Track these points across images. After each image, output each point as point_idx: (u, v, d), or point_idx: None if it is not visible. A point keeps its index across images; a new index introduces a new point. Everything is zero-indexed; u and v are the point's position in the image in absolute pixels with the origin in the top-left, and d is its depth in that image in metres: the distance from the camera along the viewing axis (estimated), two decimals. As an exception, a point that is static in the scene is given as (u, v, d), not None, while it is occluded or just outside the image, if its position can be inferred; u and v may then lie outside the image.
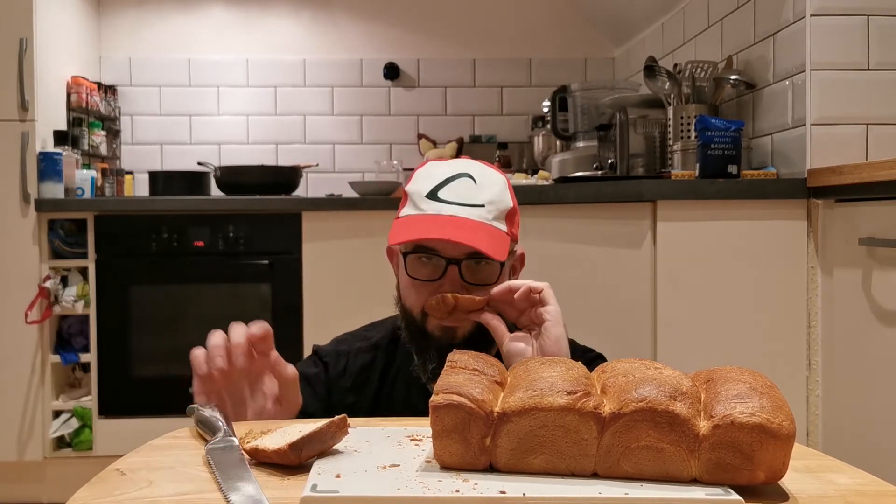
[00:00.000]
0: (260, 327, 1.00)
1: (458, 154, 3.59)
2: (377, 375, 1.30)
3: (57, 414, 2.99)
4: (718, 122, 2.16)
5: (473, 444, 0.71)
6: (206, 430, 0.85)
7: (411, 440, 0.82)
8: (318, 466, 0.74)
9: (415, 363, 1.23)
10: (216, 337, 0.99)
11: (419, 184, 1.19)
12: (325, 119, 3.79)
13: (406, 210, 1.20)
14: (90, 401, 2.99)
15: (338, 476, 0.70)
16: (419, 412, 0.97)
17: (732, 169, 2.12)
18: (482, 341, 1.15)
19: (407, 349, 1.26)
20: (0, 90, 2.91)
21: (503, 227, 1.17)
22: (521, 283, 1.12)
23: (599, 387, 0.73)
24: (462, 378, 0.74)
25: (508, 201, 1.20)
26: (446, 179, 1.18)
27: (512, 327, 1.15)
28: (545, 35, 3.84)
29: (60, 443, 3.02)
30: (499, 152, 3.56)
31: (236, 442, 0.80)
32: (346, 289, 3.00)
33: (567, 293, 2.29)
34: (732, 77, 2.36)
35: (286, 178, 3.39)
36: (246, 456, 0.77)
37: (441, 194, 1.16)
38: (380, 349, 1.32)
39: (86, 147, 3.35)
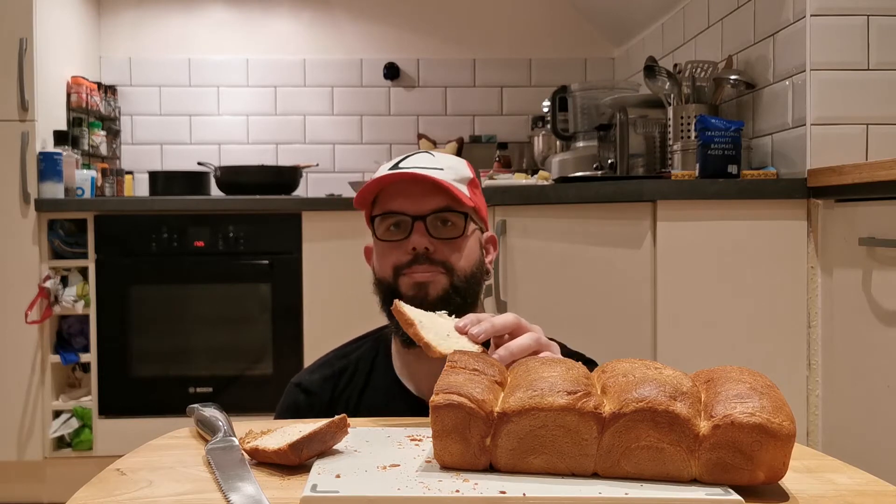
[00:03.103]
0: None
1: (459, 155, 3.59)
2: (359, 388, 1.31)
3: (57, 414, 2.99)
4: (718, 122, 2.16)
5: (473, 444, 0.71)
6: (206, 430, 0.85)
7: (411, 440, 0.82)
8: (318, 466, 0.74)
9: (392, 329, 1.25)
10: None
11: (382, 168, 1.26)
12: (325, 119, 3.79)
13: None
14: (90, 401, 2.99)
15: (338, 476, 0.70)
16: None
17: (732, 169, 2.12)
18: (455, 300, 1.18)
19: (386, 359, 1.30)
20: (0, 90, 2.91)
21: (464, 190, 1.22)
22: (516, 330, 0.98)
23: (599, 387, 0.73)
24: (462, 378, 0.74)
25: (468, 172, 1.25)
26: (406, 156, 1.25)
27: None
28: (545, 35, 3.84)
29: (60, 443, 3.02)
30: (499, 152, 3.56)
31: (236, 442, 0.80)
32: (346, 289, 3.00)
33: (567, 293, 2.29)
34: (732, 77, 2.36)
35: (286, 178, 3.39)
36: (246, 456, 0.77)
37: (402, 165, 1.23)
38: (361, 361, 1.33)
39: (86, 147, 3.35)
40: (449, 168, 1.22)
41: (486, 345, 0.95)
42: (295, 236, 3.05)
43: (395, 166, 1.23)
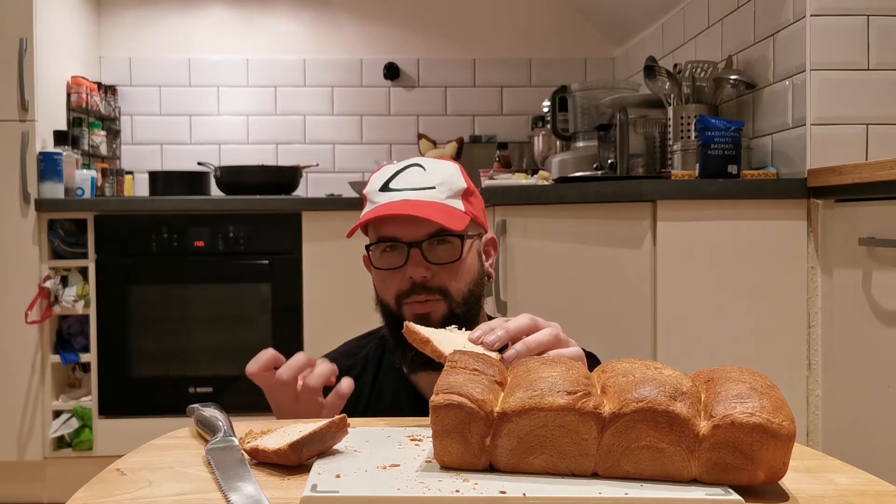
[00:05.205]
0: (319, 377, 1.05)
1: (459, 154, 3.59)
2: (367, 387, 1.31)
3: (57, 414, 2.99)
4: (718, 122, 2.16)
5: (473, 444, 0.71)
6: (206, 430, 0.85)
7: (411, 440, 0.82)
8: (318, 466, 0.74)
9: (397, 356, 1.25)
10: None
11: (373, 183, 1.24)
12: (325, 119, 3.79)
13: (365, 210, 1.23)
14: (90, 401, 2.99)
15: (338, 476, 0.70)
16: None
17: (732, 169, 2.12)
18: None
19: (393, 358, 1.29)
20: (0, 90, 2.91)
21: (458, 206, 1.21)
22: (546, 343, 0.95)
23: (599, 387, 0.73)
24: (462, 378, 0.74)
25: (461, 183, 1.23)
26: (396, 172, 1.23)
27: None
28: (545, 35, 3.84)
29: (60, 443, 3.02)
30: (499, 152, 3.56)
31: (236, 442, 0.80)
32: (345, 289, 3.00)
33: (567, 293, 2.29)
34: (732, 77, 2.36)
35: (286, 178, 3.39)
36: (246, 456, 0.77)
37: (392, 185, 1.21)
38: (369, 360, 1.33)
39: (86, 147, 3.35)
40: (441, 184, 1.20)
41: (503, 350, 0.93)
42: (295, 236, 3.05)
43: (386, 186, 1.21)
